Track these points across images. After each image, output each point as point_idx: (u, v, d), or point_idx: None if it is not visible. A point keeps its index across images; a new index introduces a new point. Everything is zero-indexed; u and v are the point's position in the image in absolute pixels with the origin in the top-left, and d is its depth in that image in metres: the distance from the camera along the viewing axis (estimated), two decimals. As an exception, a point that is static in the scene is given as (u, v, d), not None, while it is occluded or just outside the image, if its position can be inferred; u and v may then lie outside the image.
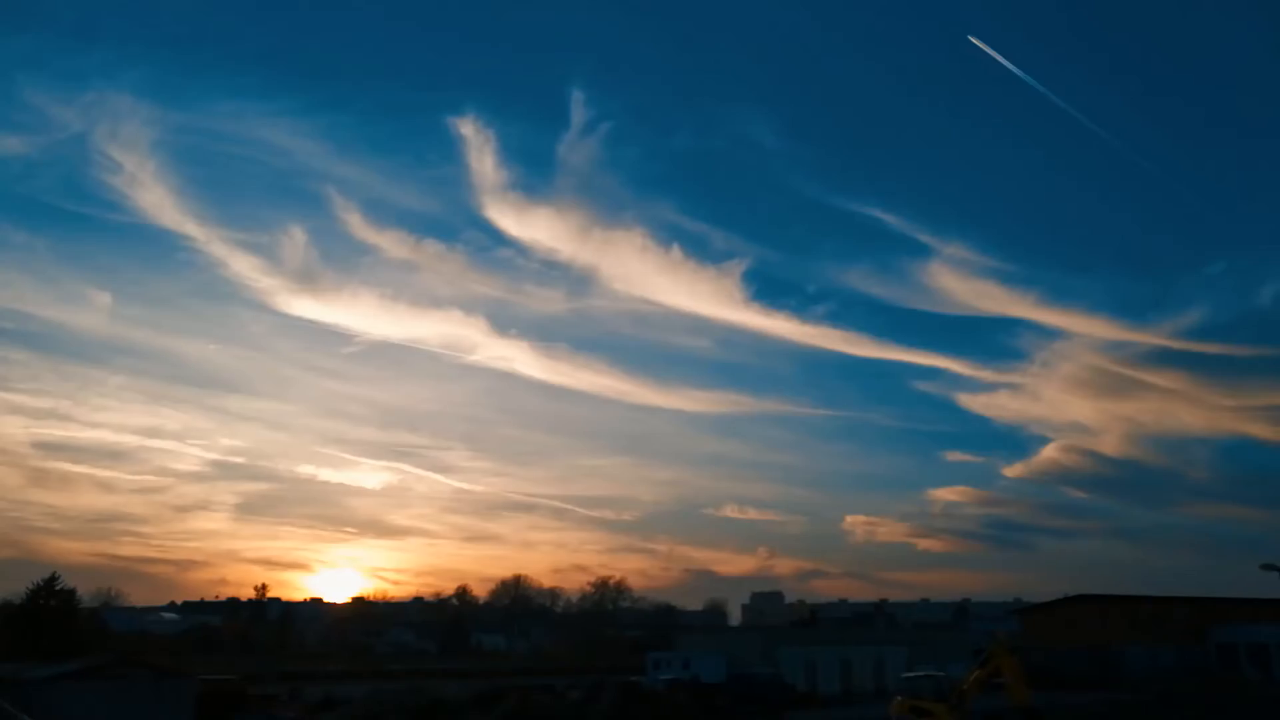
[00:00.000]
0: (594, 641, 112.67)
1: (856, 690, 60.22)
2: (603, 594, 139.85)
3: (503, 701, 27.86)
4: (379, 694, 32.48)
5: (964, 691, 33.06)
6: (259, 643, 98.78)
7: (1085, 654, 67.27)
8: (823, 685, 60.61)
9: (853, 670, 62.27)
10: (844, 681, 61.67)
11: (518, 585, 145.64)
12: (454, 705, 29.11)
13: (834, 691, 59.99)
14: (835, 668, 62.07)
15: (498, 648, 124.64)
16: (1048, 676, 58.70)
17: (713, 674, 53.00)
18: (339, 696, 40.68)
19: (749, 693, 48.10)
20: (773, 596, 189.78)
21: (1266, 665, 62.27)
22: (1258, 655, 63.76)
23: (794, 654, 61.82)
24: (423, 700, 28.61)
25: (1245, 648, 65.27)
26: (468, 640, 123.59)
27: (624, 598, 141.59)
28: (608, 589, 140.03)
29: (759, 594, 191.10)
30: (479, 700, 29.13)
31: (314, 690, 48.18)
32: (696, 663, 54.75)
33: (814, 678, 60.91)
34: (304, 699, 42.51)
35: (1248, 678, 61.08)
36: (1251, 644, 64.80)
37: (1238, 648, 66.11)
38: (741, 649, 62.73)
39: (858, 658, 62.87)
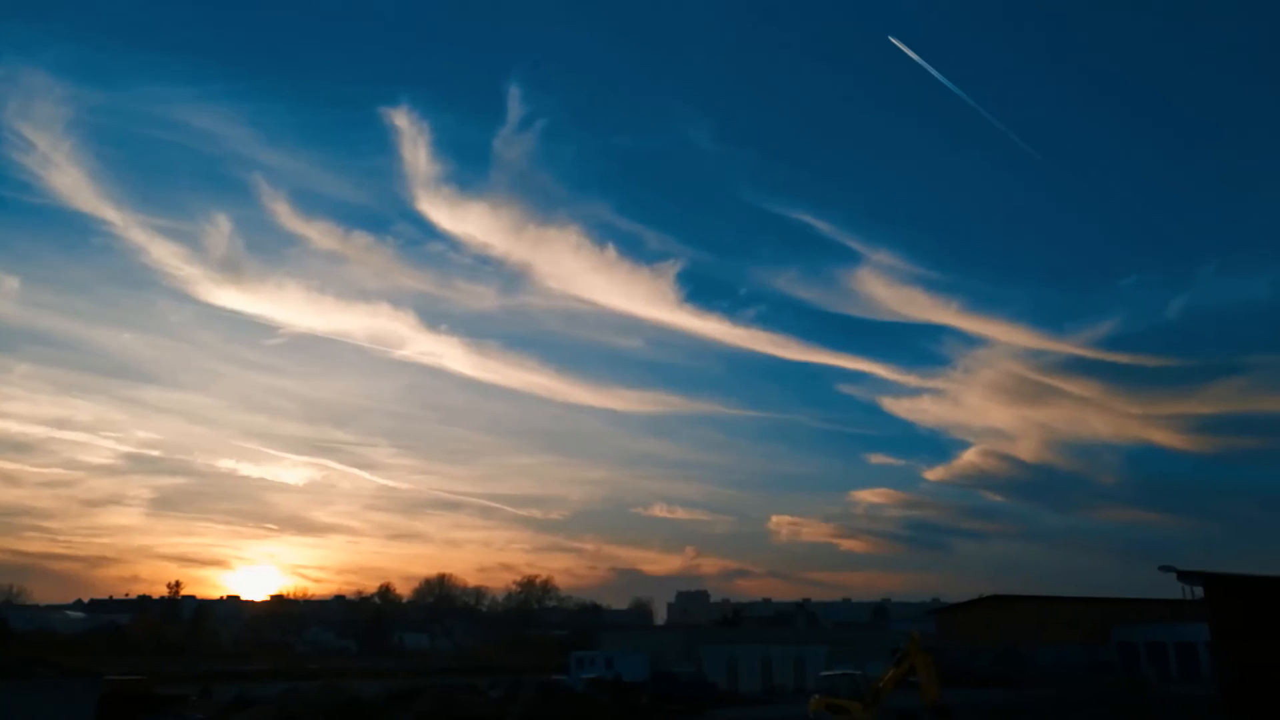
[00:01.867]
0: (519, 641, 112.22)
1: (777, 688, 61.12)
2: (528, 593, 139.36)
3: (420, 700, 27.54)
4: (294, 693, 31.75)
5: (879, 690, 33.83)
6: (171, 642, 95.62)
7: (997, 652, 69.39)
8: (744, 684, 61.35)
9: (773, 669, 63.15)
10: (765, 680, 62.51)
11: (442, 584, 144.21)
12: (370, 704, 28.69)
13: (755, 690, 60.80)
14: (756, 666, 62.88)
15: (420, 647, 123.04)
16: (961, 675, 60.47)
17: (635, 673, 53.17)
18: (253, 696, 39.71)
19: (670, 691, 48.43)
20: (698, 596, 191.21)
21: (1164, 663, 65.06)
22: (1156, 654, 66.59)
23: (716, 652, 62.45)
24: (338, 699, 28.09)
25: (1145, 646, 68.10)
26: (390, 639, 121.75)
27: (550, 597, 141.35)
28: (533, 588, 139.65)
29: (684, 593, 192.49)
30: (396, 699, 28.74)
31: (227, 690, 46.96)
32: (619, 661, 54.88)
33: (735, 676, 61.64)
34: (216, 699, 41.43)
35: (1145, 675, 63.79)
36: (1151, 643, 67.63)
37: (1138, 646, 68.95)
38: (665, 648, 63.06)
39: (779, 656, 63.76)
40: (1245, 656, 24.75)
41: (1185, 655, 62.31)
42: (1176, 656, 63.87)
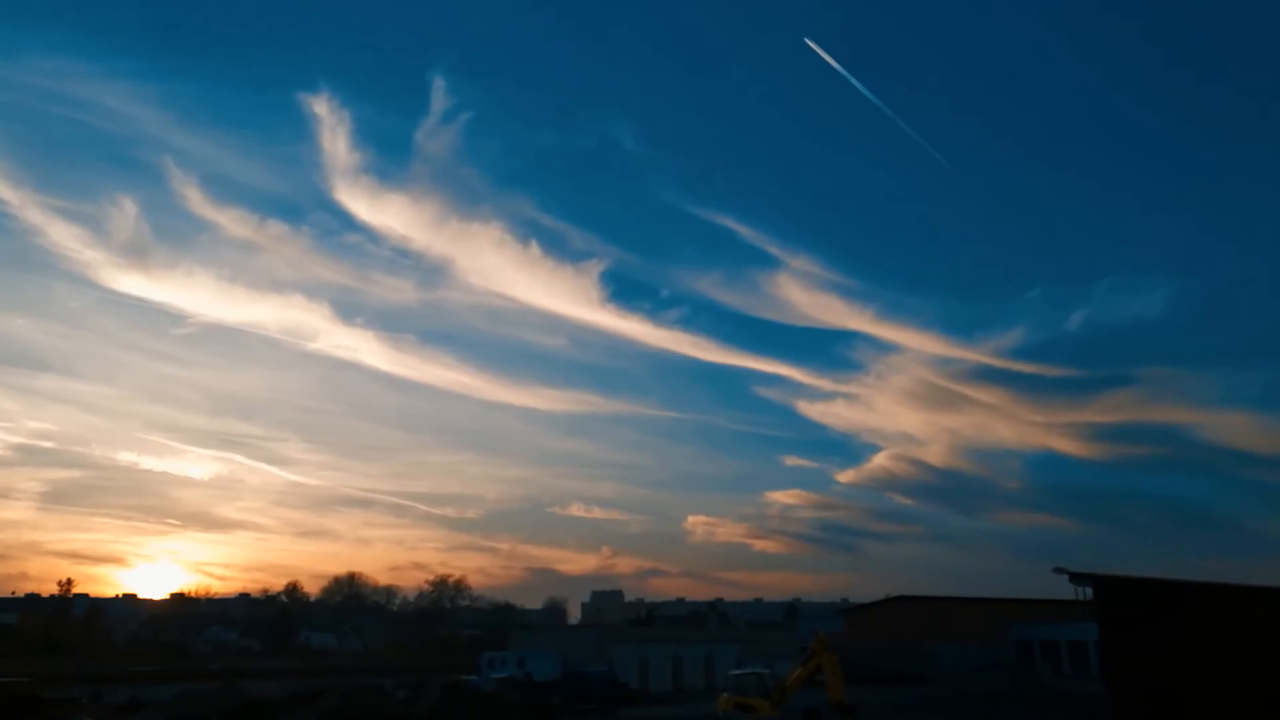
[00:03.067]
0: (430, 640, 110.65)
1: (688, 687, 61.59)
2: (440, 592, 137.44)
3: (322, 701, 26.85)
4: (189, 695, 30.60)
5: (785, 688, 34.41)
6: (61, 642, 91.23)
7: (902, 651, 71.26)
8: (655, 682, 61.67)
9: (685, 668, 63.62)
10: (676, 679, 62.94)
11: (352, 582, 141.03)
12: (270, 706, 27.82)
13: (666, 689, 61.20)
14: (668, 665, 63.26)
15: (328, 646, 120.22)
16: (868, 673, 61.86)
17: (546, 672, 52.92)
18: (146, 698, 38.23)
19: (581, 690, 48.40)
20: (612, 595, 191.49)
21: (1057, 660, 67.72)
22: (1050, 651, 69.30)
23: (628, 651, 62.61)
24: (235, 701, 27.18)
25: (1039, 644, 70.79)
26: (295, 639, 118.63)
27: (462, 596, 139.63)
28: (446, 587, 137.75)
29: (599, 592, 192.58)
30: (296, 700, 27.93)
31: (120, 692, 45.15)
32: (531, 661, 54.53)
33: (647, 675, 61.92)
34: (107, 702, 39.77)
35: (1039, 672, 66.30)
36: (1045, 641, 70.36)
37: (1033, 644, 71.62)
38: (577, 647, 62.91)
39: (690, 655, 64.26)
40: (1129, 654, 25.86)
41: (1077, 653, 64.97)
42: (1068, 654, 66.53)
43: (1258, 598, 24.86)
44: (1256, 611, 24.04)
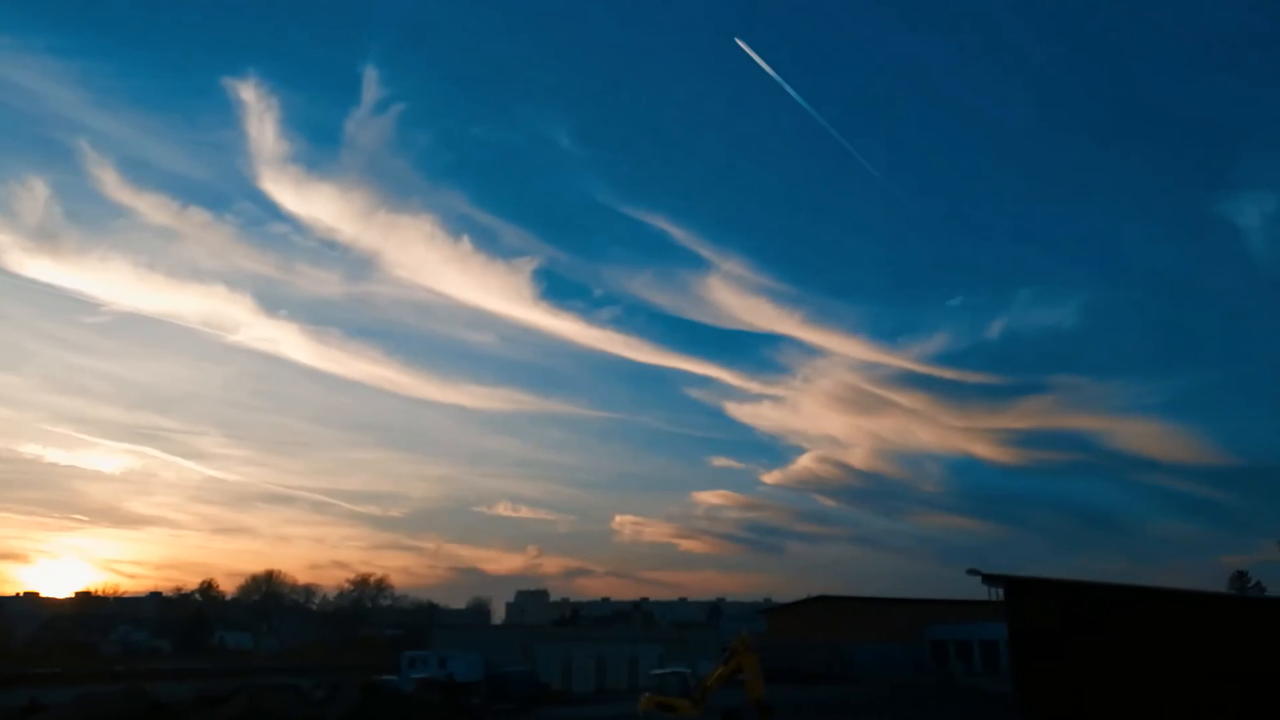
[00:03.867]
0: (351, 640, 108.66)
1: (611, 687, 61.67)
2: (362, 591, 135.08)
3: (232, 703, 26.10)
4: (91, 697, 29.41)
5: (706, 687, 34.70)
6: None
7: (821, 651, 72.51)
8: (578, 682, 61.63)
9: (608, 667, 63.68)
10: (599, 678, 62.96)
11: (270, 581, 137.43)
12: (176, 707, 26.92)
13: (589, 688, 61.19)
14: (591, 665, 63.24)
15: (243, 646, 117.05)
16: (788, 673, 62.90)
17: (468, 672, 52.44)
18: (46, 701, 36.68)
19: (503, 690, 48.14)
20: (538, 595, 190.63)
21: (969, 659, 69.68)
22: (963, 651, 71.26)
23: (551, 651, 62.45)
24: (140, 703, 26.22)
25: (954, 644, 72.73)
26: (209, 639, 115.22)
27: (385, 595, 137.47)
28: (368, 586, 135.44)
29: (524, 592, 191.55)
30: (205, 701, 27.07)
31: (17, 695, 43.25)
32: (452, 661, 53.92)
33: (570, 675, 61.84)
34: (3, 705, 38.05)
35: (953, 671, 68.14)
36: (959, 641, 72.31)
37: (948, 644, 73.56)
38: (501, 647, 62.50)
39: (613, 655, 64.32)
40: (1036, 652, 26.71)
41: (989, 652, 66.84)
42: (981, 653, 68.46)
43: (1155, 598, 25.96)
44: (1154, 611, 25.09)
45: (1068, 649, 26.15)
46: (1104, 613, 25.74)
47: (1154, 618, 24.94)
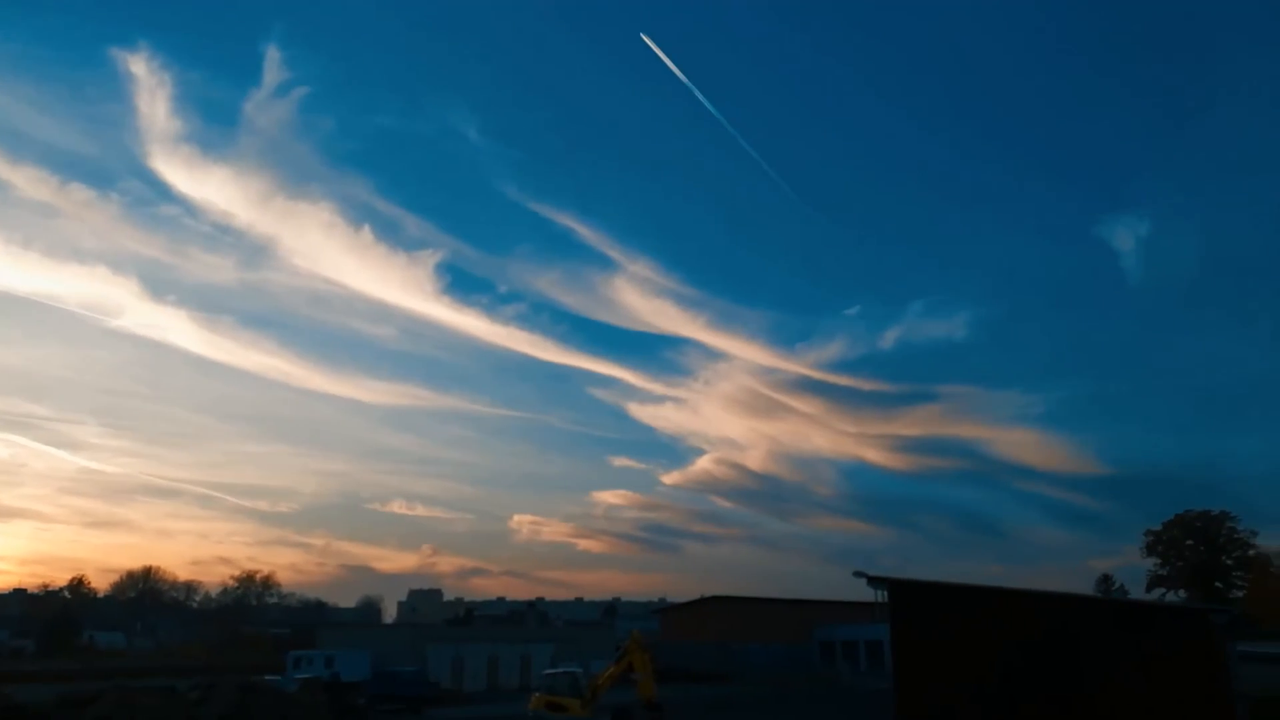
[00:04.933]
0: (234, 640, 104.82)
1: (503, 687, 61.25)
2: (247, 589, 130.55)
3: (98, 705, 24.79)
4: (-60, 700, 27.51)
5: (597, 687, 34.85)
6: None
7: (713, 650, 73.51)
8: (470, 682, 61.00)
9: (500, 667, 63.19)
10: (491, 678, 62.43)
11: (148, 578, 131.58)
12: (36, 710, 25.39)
13: (481, 688, 60.61)
14: (483, 665, 62.66)
15: (116, 646, 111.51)
16: (680, 672, 63.58)
17: (356, 672, 51.31)
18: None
19: (391, 690, 47.33)
20: (431, 594, 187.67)
21: (855, 660, 71.71)
22: (850, 651, 73.29)
23: (442, 651, 61.64)
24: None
25: (841, 644, 74.74)
26: (77, 638, 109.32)
27: (271, 593, 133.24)
28: (253, 584, 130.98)
29: (416, 591, 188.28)
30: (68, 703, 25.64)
31: None
32: (339, 661, 52.66)
33: (461, 675, 61.14)
34: None
35: (839, 670, 70.03)
36: (845, 641, 74.34)
37: (835, 644, 75.56)
38: (391, 646, 61.36)
39: (506, 655, 63.86)
40: (915, 651, 27.65)
41: (874, 652, 68.87)
42: (866, 653, 70.51)
43: (1024, 600, 27.24)
44: (1023, 612, 26.31)
45: (944, 649, 27.17)
46: (977, 614, 26.86)
47: (1023, 618, 26.15)
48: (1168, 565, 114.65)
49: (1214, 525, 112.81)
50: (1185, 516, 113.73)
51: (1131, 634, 24.62)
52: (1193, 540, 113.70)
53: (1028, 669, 25.02)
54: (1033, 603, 27.12)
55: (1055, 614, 26.25)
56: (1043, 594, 28.40)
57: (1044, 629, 25.59)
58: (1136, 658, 24.11)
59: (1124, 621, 25.47)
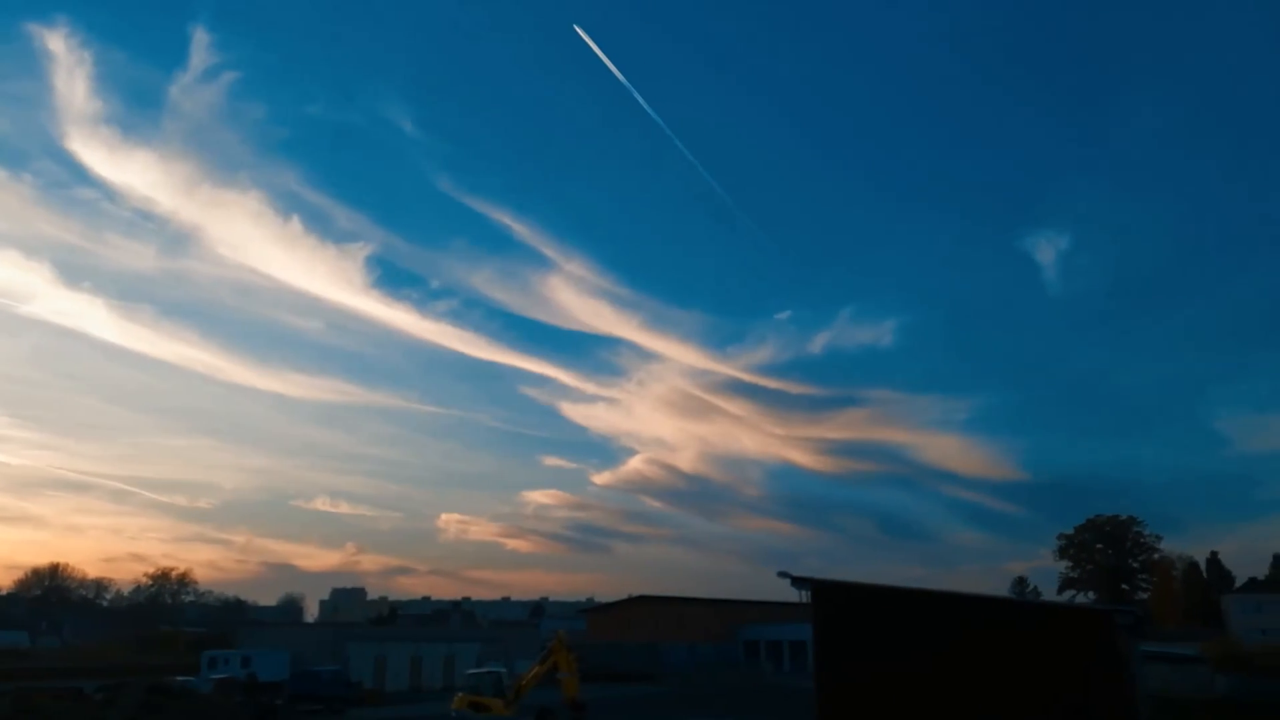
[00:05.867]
0: (147, 639, 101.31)
1: (426, 687, 60.54)
2: (162, 586, 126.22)
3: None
4: None
5: (521, 687, 34.70)
6: None
7: (639, 650, 73.74)
8: (392, 682, 60.15)
9: (424, 667, 62.45)
10: (414, 678, 61.66)
11: (54, 574, 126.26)
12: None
13: (403, 688, 59.80)
14: (406, 664, 61.85)
15: (19, 645, 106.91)
16: (606, 671, 63.63)
17: (274, 672, 50.20)
18: None
19: (310, 690, 46.41)
20: (354, 593, 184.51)
21: (779, 659, 72.72)
22: (773, 650, 74.28)
23: (364, 650, 60.67)
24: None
25: (765, 644, 75.70)
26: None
27: (187, 591, 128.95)
28: (168, 581, 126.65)
29: (339, 590, 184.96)
30: (-37, 706, 24.56)
31: None
32: (257, 660, 51.44)
33: (383, 674, 60.24)
34: None
35: (763, 669, 70.89)
36: (770, 641, 75.33)
37: (759, 644, 76.49)
38: (312, 646, 60.19)
39: (429, 655, 63.15)
40: (836, 651, 28.16)
41: (797, 651, 70.05)
42: (790, 652, 71.59)
43: (941, 601, 27.96)
44: (940, 613, 27.00)
45: (864, 649, 27.70)
46: (897, 614, 27.47)
47: (940, 620, 26.84)
48: (1079, 568, 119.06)
49: (1122, 530, 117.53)
50: (1096, 521, 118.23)
51: (1042, 635, 25.48)
52: (1102, 544, 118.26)
53: (944, 669, 25.69)
54: (950, 604, 27.88)
55: (971, 615, 27.03)
56: (960, 596, 29.25)
57: (961, 629, 26.31)
58: (1047, 658, 24.94)
59: (1035, 623, 26.34)
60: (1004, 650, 25.26)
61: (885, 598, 28.59)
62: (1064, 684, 24.24)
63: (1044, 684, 24.49)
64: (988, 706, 24.98)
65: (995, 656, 25.28)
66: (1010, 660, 25.12)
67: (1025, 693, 24.62)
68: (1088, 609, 34.29)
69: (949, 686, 25.61)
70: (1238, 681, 51.27)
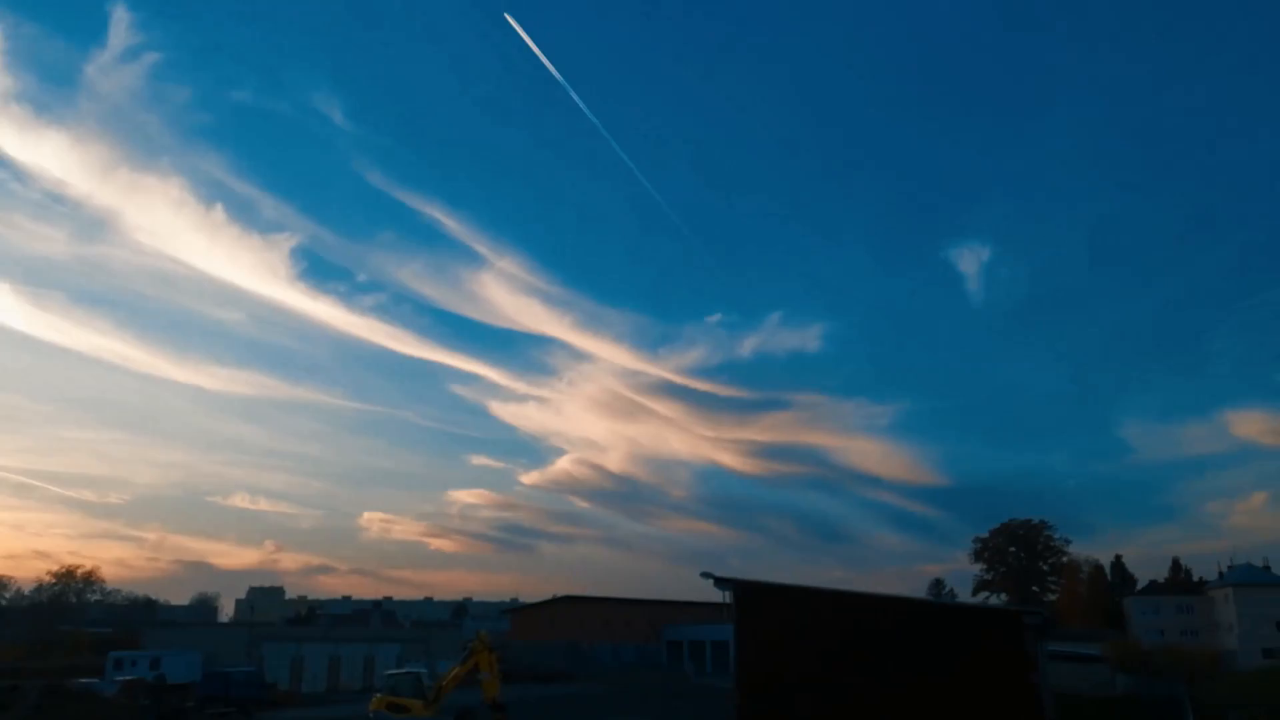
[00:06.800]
0: (49, 640, 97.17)
1: (345, 688, 59.45)
2: (66, 585, 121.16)
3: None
4: None
5: (442, 687, 34.33)
6: None
7: (562, 650, 73.57)
8: (309, 683, 58.98)
9: (343, 667, 61.35)
10: (332, 679, 60.50)
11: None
12: None
13: (321, 689, 58.64)
14: (324, 665, 60.67)
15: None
16: (529, 671, 63.38)
17: (185, 673, 48.66)
18: None
19: (222, 692, 45.08)
20: (272, 592, 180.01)
21: (702, 659, 73.29)
22: (696, 650, 74.84)
23: (280, 651, 59.38)
24: None
25: (688, 644, 76.22)
26: None
27: (93, 590, 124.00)
28: (73, 579, 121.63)
29: (257, 589, 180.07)
30: None
31: None
32: (167, 661, 49.82)
33: (300, 675, 59.01)
34: None
35: (685, 669, 71.39)
36: (693, 641, 75.88)
37: (683, 644, 76.99)
38: (226, 646, 58.61)
39: (349, 655, 62.06)
40: (755, 651, 28.53)
41: (720, 652, 70.65)
42: (713, 653, 72.20)
43: (860, 602, 28.58)
44: (858, 614, 27.58)
45: (785, 649, 28.11)
46: (817, 615, 27.97)
47: (859, 620, 27.42)
48: (992, 570, 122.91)
49: (1033, 534, 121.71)
50: (1009, 525, 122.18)
51: (955, 634, 26.27)
52: (1015, 547, 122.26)
53: (862, 669, 26.25)
54: (868, 604, 28.52)
55: (889, 615, 27.69)
56: (878, 596, 29.96)
57: (878, 630, 26.93)
58: (960, 657, 25.71)
59: (949, 623, 27.13)
60: (920, 650, 25.97)
61: (806, 598, 29.11)
62: (976, 682, 25.03)
63: (957, 682, 25.24)
64: (903, 704, 25.63)
65: (911, 656, 25.97)
66: (925, 659, 25.83)
67: (939, 691, 25.34)
68: (998, 610, 35.45)
69: (866, 685, 26.19)
70: (1135, 680, 53.53)
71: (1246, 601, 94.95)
